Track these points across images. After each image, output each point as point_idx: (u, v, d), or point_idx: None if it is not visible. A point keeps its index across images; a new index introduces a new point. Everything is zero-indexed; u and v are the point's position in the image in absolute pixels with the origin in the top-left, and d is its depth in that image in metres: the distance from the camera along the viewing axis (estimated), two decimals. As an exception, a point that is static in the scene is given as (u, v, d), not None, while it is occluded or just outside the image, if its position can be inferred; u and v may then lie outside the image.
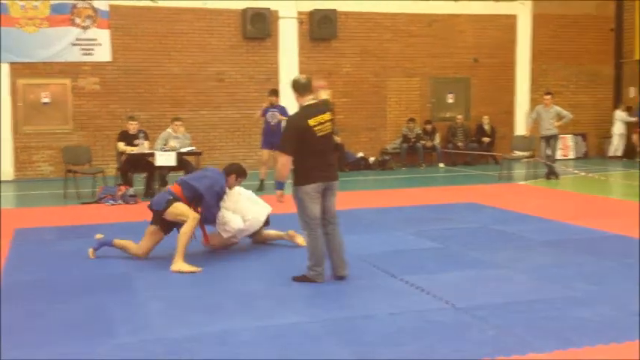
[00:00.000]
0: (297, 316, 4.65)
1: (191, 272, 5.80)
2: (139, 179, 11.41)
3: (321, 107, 5.46)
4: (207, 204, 6.22)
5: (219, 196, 6.33)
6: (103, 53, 13.97)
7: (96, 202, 10.21)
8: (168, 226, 6.27)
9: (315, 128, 5.32)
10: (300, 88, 5.45)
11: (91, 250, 6.41)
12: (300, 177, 5.38)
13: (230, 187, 6.50)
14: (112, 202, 10.06)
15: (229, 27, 14.79)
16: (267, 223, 6.81)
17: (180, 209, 6.11)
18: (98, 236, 6.55)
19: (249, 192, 6.82)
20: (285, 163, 5.36)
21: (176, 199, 6.18)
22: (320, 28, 15.16)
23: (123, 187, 10.35)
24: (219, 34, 14.77)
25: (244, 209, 6.56)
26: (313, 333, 4.28)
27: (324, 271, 5.47)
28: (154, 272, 5.88)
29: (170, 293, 5.25)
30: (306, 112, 5.42)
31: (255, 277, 5.75)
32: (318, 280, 5.43)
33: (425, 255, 6.50)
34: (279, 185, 5.53)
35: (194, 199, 6.25)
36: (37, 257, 6.55)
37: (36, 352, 3.97)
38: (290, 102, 13.28)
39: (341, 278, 5.49)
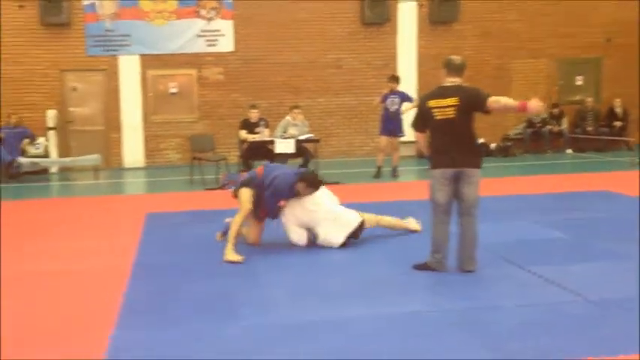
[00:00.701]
0: (419, 304, 4.57)
1: (236, 262, 5.70)
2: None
3: (450, 92, 5.24)
4: (266, 201, 6.17)
5: (277, 199, 6.18)
6: (226, 44, 14.39)
7: (220, 188, 10.56)
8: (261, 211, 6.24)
9: (434, 110, 5.21)
10: (451, 68, 5.27)
11: (218, 234, 6.56)
12: (431, 160, 5.35)
13: (298, 195, 6.16)
14: (234, 188, 10.32)
15: (348, 13, 14.78)
16: (355, 235, 6.30)
17: (241, 197, 6.07)
18: (228, 220, 6.51)
19: (338, 209, 6.32)
20: (417, 139, 5.73)
21: (247, 184, 6.17)
22: (440, 10, 14.80)
23: (245, 174, 10.62)
24: (338, 20, 14.80)
25: (318, 224, 6.20)
26: (436, 322, 4.19)
27: (446, 260, 5.34)
28: (275, 257, 5.97)
29: (291, 278, 5.33)
30: (433, 92, 5.36)
31: (375, 265, 5.70)
32: (439, 268, 5.29)
33: (553, 245, 6.20)
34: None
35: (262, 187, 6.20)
36: (167, 240, 6.86)
37: (167, 330, 4.15)
38: (408, 88, 13.14)
39: (467, 272, 5.31)
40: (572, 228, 6.86)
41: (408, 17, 14.95)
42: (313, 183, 6.19)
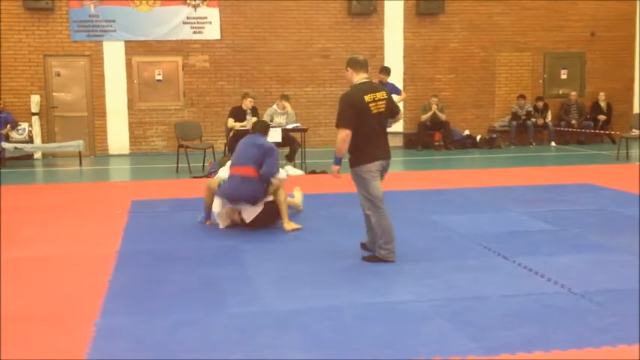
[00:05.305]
0: (404, 294, 4.58)
1: (297, 229, 6.51)
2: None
3: (377, 86, 5.56)
4: (275, 158, 6.54)
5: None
6: (212, 31, 14.28)
7: (206, 176, 10.50)
8: None
9: (371, 105, 5.33)
10: (362, 65, 5.58)
11: (208, 222, 6.84)
12: (361, 155, 5.32)
13: None
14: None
15: (335, 3, 14.72)
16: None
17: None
18: (208, 223, 6.87)
19: None
20: (344, 138, 5.26)
21: None
22: (427, 2, 14.80)
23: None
24: (325, 10, 14.73)
25: None
26: (422, 312, 4.21)
27: (395, 249, 5.38)
28: (262, 245, 5.98)
29: (278, 267, 5.32)
30: (362, 88, 5.47)
31: (360, 254, 5.70)
32: (390, 258, 5.34)
33: (538, 237, 6.24)
34: (337, 161, 5.43)
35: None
36: (152, 228, 6.82)
37: (152, 318, 4.13)
38: (395, 79, 13.13)
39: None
40: (557, 220, 6.91)
41: (394, 8, 14.92)
42: (269, 127, 7.12)
